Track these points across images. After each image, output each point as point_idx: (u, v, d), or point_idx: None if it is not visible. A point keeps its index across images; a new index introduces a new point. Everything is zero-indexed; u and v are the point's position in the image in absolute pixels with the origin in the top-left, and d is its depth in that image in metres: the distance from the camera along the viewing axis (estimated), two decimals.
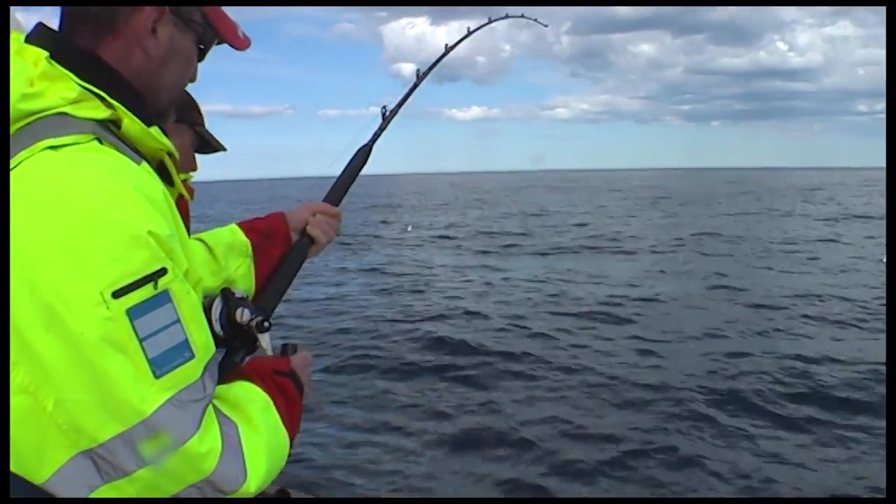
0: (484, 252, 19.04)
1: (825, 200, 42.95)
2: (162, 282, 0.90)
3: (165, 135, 1.09)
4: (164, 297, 0.90)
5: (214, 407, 0.97)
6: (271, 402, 1.11)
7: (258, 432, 1.03)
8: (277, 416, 1.10)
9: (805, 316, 10.67)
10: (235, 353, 1.28)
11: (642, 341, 9.22)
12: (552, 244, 20.71)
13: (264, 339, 1.29)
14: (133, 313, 0.87)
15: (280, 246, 1.53)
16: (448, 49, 1.97)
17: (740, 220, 28.14)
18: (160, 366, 0.89)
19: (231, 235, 1.49)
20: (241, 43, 1.23)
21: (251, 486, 0.97)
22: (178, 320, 0.92)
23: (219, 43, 1.22)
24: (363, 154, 1.71)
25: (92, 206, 0.88)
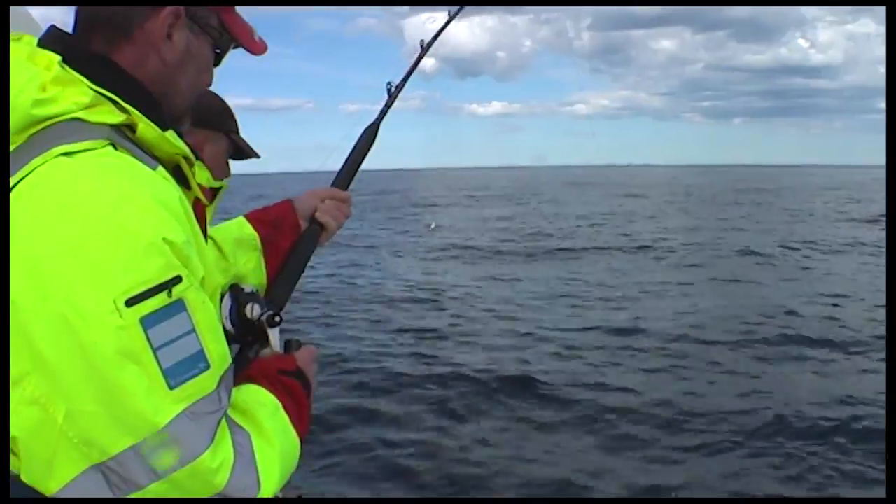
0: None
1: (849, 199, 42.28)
2: (176, 290, 0.88)
3: (182, 138, 1.07)
4: (178, 306, 0.88)
5: (227, 416, 0.95)
6: (280, 406, 1.09)
7: (269, 439, 1.01)
8: (287, 419, 1.08)
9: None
10: (249, 349, 1.27)
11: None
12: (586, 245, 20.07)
13: (274, 335, 1.27)
14: (147, 322, 0.85)
15: (289, 236, 1.51)
16: (451, 17, 1.92)
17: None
18: (174, 376, 0.87)
19: (239, 229, 1.47)
20: (257, 48, 1.21)
21: (266, 495, 0.95)
22: (193, 330, 0.90)
23: (235, 47, 1.21)
24: (370, 134, 1.67)
25: (106, 213, 0.87)
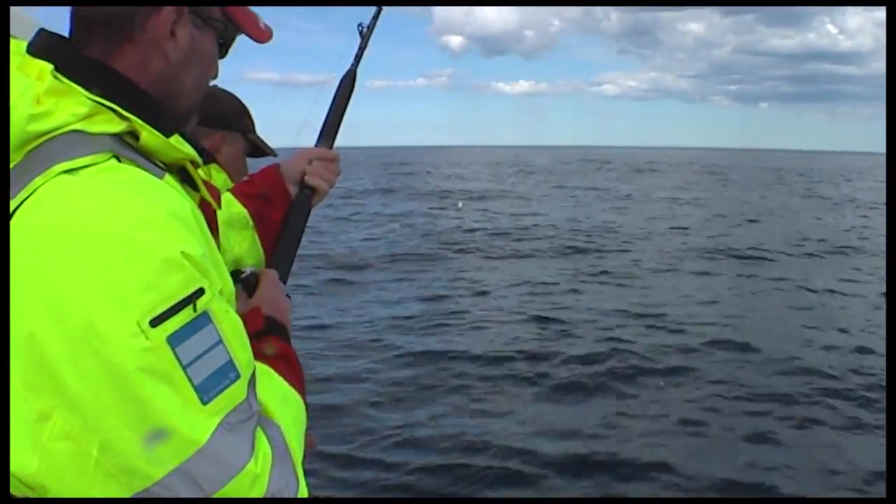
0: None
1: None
2: (200, 303, 0.85)
3: (189, 140, 1.03)
4: (204, 319, 0.85)
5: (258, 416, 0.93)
6: (271, 370, 1.06)
7: (286, 420, 0.99)
8: (282, 381, 1.06)
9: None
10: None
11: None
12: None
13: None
14: (174, 340, 0.82)
15: (280, 206, 1.47)
16: None
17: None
18: (206, 391, 0.84)
19: (227, 209, 1.39)
20: (262, 35, 1.16)
21: (304, 491, 0.94)
22: (221, 341, 0.87)
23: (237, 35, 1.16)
24: (348, 80, 1.58)
25: (117, 232, 0.82)
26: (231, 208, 1.42)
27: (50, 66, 0.93)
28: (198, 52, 1.06)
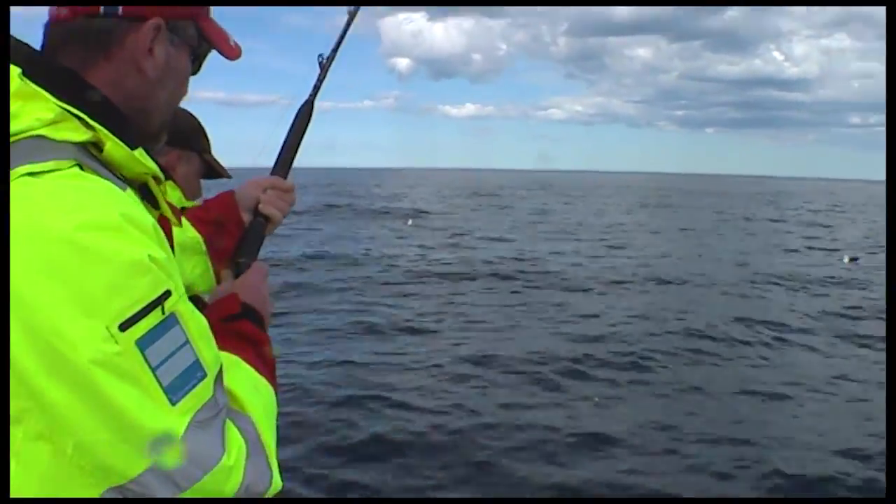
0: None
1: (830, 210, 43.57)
2: (168, 305, 0.86)
3: (152, 156, 1.03)
4: (171, 321, 0.87)
5: (227, 409, 0.94)
6: (240, 360, 1.06)
7: (258, 411, 0.99)
8: (252, 371, 1.06)
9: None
10: None
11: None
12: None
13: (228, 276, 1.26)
14: (143, 343, 0.83)
15: (234, 233, 1.46)
16: None
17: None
18: (175, 392, 0.85)
19: (181, 233, 1.39)
20: (232, 52, 1.18)
21: (278, 482, 0.95)
22: (188, 341, 0.88)
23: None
24: (305, 111, 1.58)
25: (83, 237, 0.82)
26: (186, 233, 1.41)
27: (17, 70, 0.92)
28: (173, 70, 1.07)
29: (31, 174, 0.85)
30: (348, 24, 1.62)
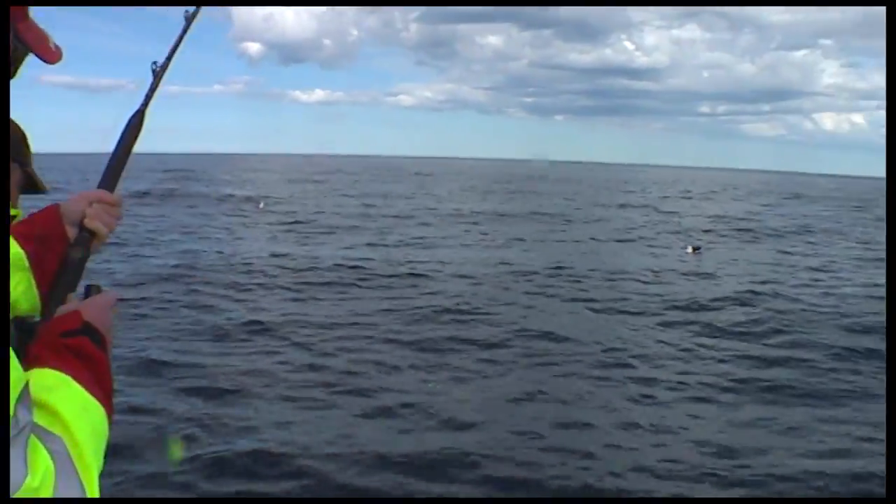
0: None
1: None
2: None
3: None
4: None
5: (35, 427, 0.88)
6: (69, 379, 1.00)
7: (83, 431, 0.95)
8: (82, 390, 1.00)
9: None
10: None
11: None
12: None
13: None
14: None
15: (58, 249, 1.37)
16: None
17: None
18: None
19: None
20: (52, 56, 1.15)
21: (94, 490, 0.92)
22: None
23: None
24: (136, 123, 1.49)
25: None
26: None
27: None
28: None
29: None
30: (185, 30, 1.55)
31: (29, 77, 1.16)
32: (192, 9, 1.54)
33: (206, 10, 1.54)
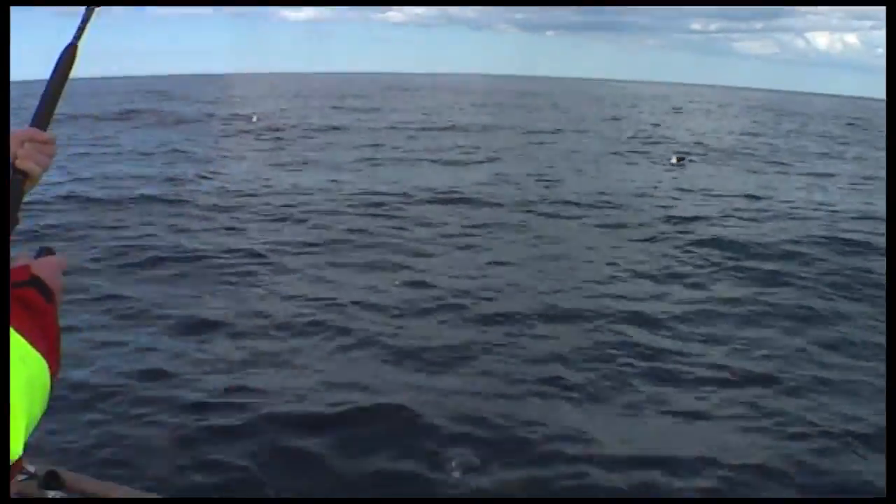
0: None
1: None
2: None
3: None
4: None
5: None
6: (11, 330, 0.97)
7: (18, 381, 0.92)
8: (23, 341, 0.97)
9: None
10: None
11: None
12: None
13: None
14: None
15: None
16: None
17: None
18: None
19: None
20: None
21: (18, 450, 0.90)
22: None
23: None
24: (68, 57, 1.40)
25: None
26: None
27: None
28: None
29: None
30: None
31: None
32: None
33: None
